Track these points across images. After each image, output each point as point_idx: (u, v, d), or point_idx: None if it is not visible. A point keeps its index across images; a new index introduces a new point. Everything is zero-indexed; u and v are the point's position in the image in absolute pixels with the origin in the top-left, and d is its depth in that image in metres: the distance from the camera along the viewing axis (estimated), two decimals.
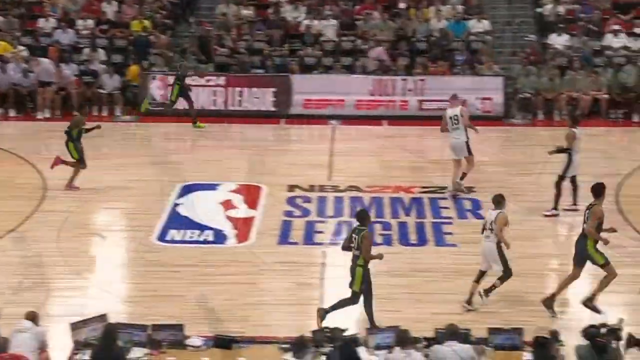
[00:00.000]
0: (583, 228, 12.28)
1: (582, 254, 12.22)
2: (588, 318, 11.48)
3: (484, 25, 23.97)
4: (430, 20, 24.19)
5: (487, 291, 12.58)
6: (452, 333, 9.90)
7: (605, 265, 12.14)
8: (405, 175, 18.22)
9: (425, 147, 20.35)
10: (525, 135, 20.83)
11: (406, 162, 19.20)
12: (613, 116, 21.83)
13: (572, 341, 10.14)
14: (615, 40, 23.07)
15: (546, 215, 15.96)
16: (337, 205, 16.72)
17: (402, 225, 15.78)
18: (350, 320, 11.73)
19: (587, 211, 12.29)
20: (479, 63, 22.64)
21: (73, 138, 17.20)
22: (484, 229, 12.64)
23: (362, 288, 11.72)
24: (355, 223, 12.20)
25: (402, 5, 24.79)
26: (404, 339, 9.79)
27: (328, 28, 24.22)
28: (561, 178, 15.92)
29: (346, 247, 12.04)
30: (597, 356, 9.41)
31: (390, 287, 13.33)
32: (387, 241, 15.21)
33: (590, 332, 9.57)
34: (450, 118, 16.92)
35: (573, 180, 16.02)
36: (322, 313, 11.82)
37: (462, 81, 22.40)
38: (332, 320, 11.50)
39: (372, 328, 11.16)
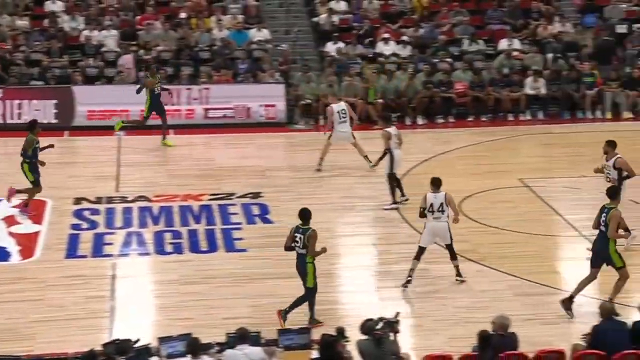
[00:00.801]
0: (601, 230, 12.59)
1: (602, 255, 12.50)
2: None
3: (264, 34, 24.27)
4: (212, 30, 24.20)
5: (459, 275, 13.42)
6: (242, 336, 9.93)
7: (622, 268, 12.51)
8: (194, 183, 18.12)
9: (212, 154, 20.32)
10: (309, 140, 21.23)
11: (194, 170, 19.10)
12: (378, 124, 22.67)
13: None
14: (386, 48, 23.99)
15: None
16: (126, 216, 16.39)
17: (192, 233, 15.68)
18: (141, 331, 11.52)
19: (604, 214, 12.58)
20: (261, 71, 22.88)
21: (29, 158, 15.98)
22: (431, 210, 13.17)
23: (315, 283, 12.07)
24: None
25: (183, 15, 24.65)
26: (194, 347, 9.71)
27: (109, 39, 23.71)
28: (391, 174, 16.61)
29: (289, 248, 12.24)
30: (375, 349, 9.72)
31: (181, 295, 13.25)
32: (178, 249, 15.08)
33: (367, 326, 9.86)
34: (338, 112, 18.22)
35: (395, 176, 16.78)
36: (283, 314, 12.03)
37: (246, 89, 22.58)
38: (123, 333, 11.25)
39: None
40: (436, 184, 13.51)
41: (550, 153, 19.83)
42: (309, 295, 12.25)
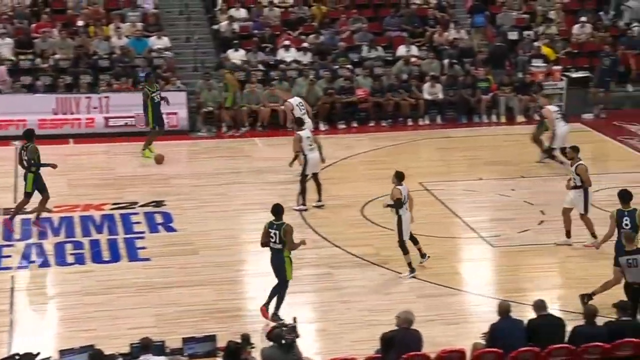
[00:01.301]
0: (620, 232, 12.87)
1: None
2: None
3: (164, 41, 24.01)
4: (110, 38, 23.82)
5: (422, 256, 14.20)
6: (146, 346, 9.80)
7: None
8: (95, 192, 17.78)
9: (113, 163, 19.98)
10: (211, 148, 21.10)
11: (95, 179, 18.73)
12: (291, 126, 22.68)
13: None
14: (287, 55, 24.05)
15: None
16: (25, 228, 15.96)
17: (95, 243, 15.39)
18: (42, 344, 11.25)
19: (627, 217, 13.01)
20: (162, 79, 22.60)
21: (35, 167, 15.39)
22: (405, 201, 13.84)
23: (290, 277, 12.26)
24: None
25: (80, 23, 24.18)
26: (97, 359, 9.53)
27: (3, 47, 23.09)
28: (304, 177, 16.62)
29: (265, 244, 12.35)
30: (284, 355, 9.70)
31: (85, 306, 13.00)
32: (80, 260, 14.77)
33: (276, 333, 9.84)
34: (297, 106, 18.66)
35: (316, 178, 16.82)
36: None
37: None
38: (23, 347, 10.96)
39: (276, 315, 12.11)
40: (400, 177, 13.99)
41: (448, 157, 20.17)
42: (285, 288, 12.41)
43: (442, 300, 13.26)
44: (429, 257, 14.38)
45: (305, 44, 24.39)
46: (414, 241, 14.27)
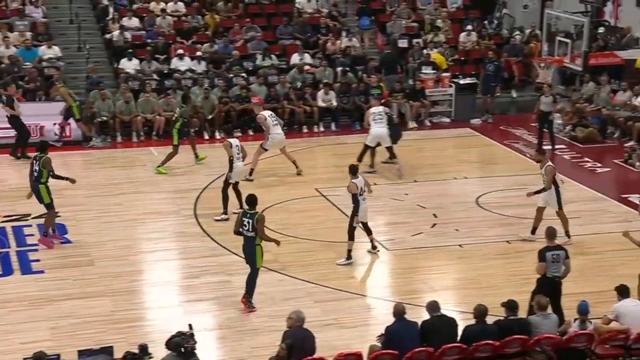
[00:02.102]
0: None
1: None
2: None
3: (55, 51, 23.48)
4: None
5: (373, 247, 15.07)
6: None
7: None
8: None
9: (4, 175, 19.42)
10: (106, 158, 20.73)
11: None
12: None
13: None
14: (181, 64, 23.84)
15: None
16: None
17: None
18: None
19: None
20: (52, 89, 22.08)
21: (46, 179, 15.02)
22: (361, 193, 14.58)
23: (261, 265, 12.84)
24: None
25: None
26: None
27: None
28: (227, 185, 16.46)
29: (238, 232, 12.90)
30: None
31: None
32: None
33: (175, 342, 9.74)
34: (269, 117, 19.08)
35: (235, 187, 16.62)
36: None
37: (38, 107, 21.72)
38: None
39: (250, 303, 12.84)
40: (354, 170, 14.81)
41: (343, 163, 20.06)
42: (256, 276, 12.90)
43: (339, 304, 13.35)
44: (378, 250, 15.00)
45: (199, 53, 24.23)
46: (368, 232, 14.85)
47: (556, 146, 21.25)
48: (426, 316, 10.93)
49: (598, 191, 18.00)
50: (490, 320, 10.96)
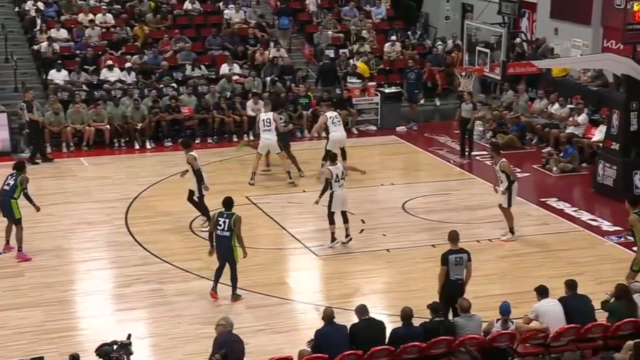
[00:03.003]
0: None
1: None
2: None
3: None
4: None
5: (346, 236, 15.56)
6: None
7: None
8: None
9: None
10: (36, 168, 20.29)
11: None
12: (117, 145, 22.27)
13: None
14: (111, 75, 23.57)
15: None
16: None
17: None
18: None
19: None
20: None
21: (17, 196, 14.77)
22: (337, 180, 15.21)
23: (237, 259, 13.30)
24: None
25: None
26: None
27: None
28: (192, 194, 16.30)
29: (212, 233, 13.36)
30: None
31: None
32: None
33: (103, 350, 9.64)
34: (263, 121, 18.99)
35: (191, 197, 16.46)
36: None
37: None
38: None
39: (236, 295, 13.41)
40: (333, 158, 15.71)
41: (273, 171, 20.30)
42: (235, 269, 13.38)
43: (270, 309, 13.35)
44: (351, 239, 15.59)
45: (128, 64, 23.99)
46: (345, 219, 15.46)
47: (475, 152, 21.57)
48: (355, 320, 11.01)
49: (518, 195, 18.35)
50: (416, 322, 11.09)
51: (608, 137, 18.91)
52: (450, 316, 11.63)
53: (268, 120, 19.13)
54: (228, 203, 13.59)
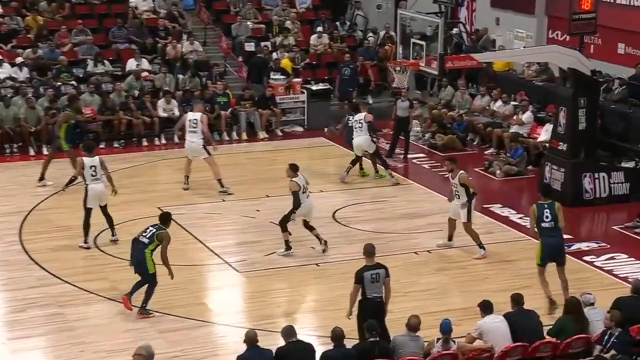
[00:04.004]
0: (549, 227, 13.72)
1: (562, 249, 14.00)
2: None
3: None
4: None
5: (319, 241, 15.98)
6: None
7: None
8: None
9: None
10: None
11: None
12: (8, 151, 21.87)
13: None
14: (1, 71, 23.13)
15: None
16: None
17: None
18: None
19: (547, 210, 13.76)
20: None
21: None
22: (304, 191, 15.65)
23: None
24: None
25: None
26: None
27: None
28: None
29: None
30: None
31: None
32: None
33: None
34: (190, 121, 18.84)
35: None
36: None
37: None
38: None
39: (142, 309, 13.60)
40: (294, 168, 15.78)
41: (189, 178, 20.19)
42: (154, 281, 13.65)
43: (186, 333, 13.26)
44: (326, 243, 16.02)
45: (20, 59, 23.58)
46: (310, 228, 15.92)
47: (411, 154, 21.81)
48: (281, 342, 11.00)
49: None
50: (349, 344, 11.12)
51: (555, 136, 19.29)
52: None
53: (195, 121, 18.99)
54: (164, 218, 13.95)
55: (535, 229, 13.98)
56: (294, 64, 25.50)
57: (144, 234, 13.69)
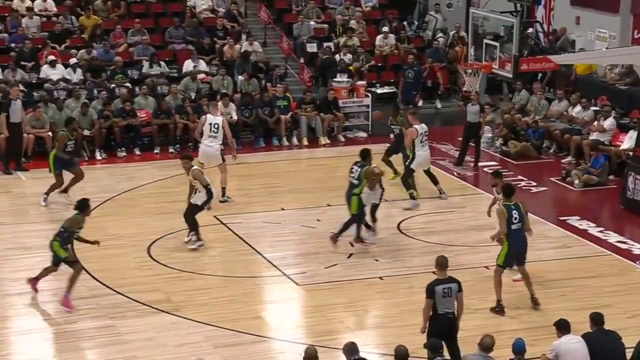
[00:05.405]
0: (517, 229, 14.03)
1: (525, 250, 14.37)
2: None
3: None
4: None
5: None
6: None
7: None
8: None
9: None
10: None
11: None
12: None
13: None
14: (53, 72, 23.44)
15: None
16: None
17: None
18: None
19: (516, 211, 14.10)
20: None
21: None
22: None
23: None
24: None
25: None
26: None
27: None
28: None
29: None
30: None
31: None
32: None
33: None
34: (210, 124, 18.63)
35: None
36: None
37: None
38: None
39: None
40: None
41: (246, 185, 20.29)
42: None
43: (242, 349, 13.28)
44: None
45: (74, 60, 23.92)
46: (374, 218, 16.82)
47: (482, 162, 21.63)
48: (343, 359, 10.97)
49: (534, 213, 18.33)
50: None
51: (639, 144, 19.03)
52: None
53: (216, 126, 18.94)
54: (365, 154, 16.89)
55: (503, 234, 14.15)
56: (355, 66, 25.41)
57: (351, 175, 16.20)
